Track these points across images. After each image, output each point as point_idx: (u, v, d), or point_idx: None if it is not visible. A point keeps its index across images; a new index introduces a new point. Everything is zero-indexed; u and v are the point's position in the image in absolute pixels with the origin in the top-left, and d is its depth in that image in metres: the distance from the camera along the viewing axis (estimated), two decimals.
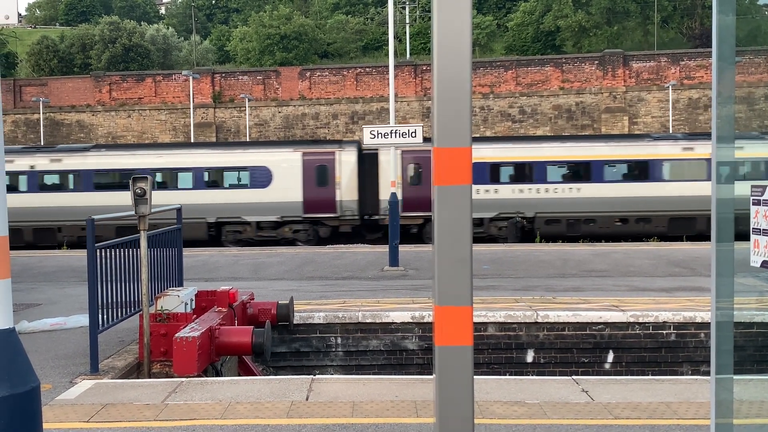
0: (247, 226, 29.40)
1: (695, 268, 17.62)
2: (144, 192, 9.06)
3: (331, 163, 29.40)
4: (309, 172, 29.33)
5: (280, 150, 30.63)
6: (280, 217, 29.24)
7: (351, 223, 29.68)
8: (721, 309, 4.10)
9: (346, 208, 29.36)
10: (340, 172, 29.33)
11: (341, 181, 29.31)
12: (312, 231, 29.52)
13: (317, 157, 29.56)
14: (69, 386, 8.07)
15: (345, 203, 29.32)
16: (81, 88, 51.22)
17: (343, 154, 29.57)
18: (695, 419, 6.77)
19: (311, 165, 29.38)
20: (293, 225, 29.43)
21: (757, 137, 4.77)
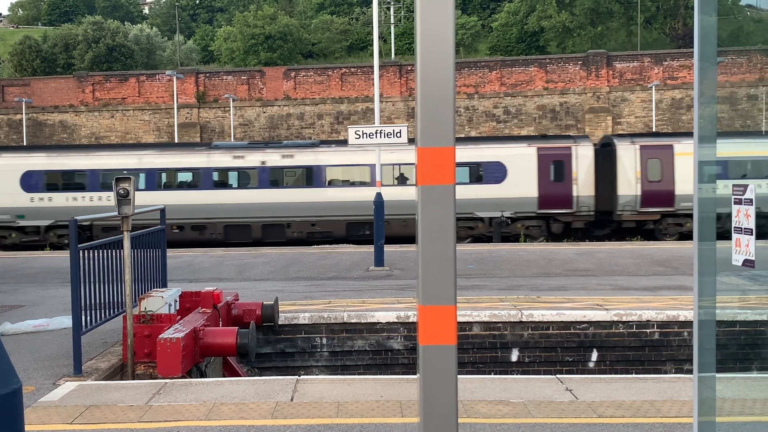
0: (479, 222, 29.07)
1: (678, 267, 17.72)
2: (127, 192, 9.02)
3: (567, 158, 29.03)
4: (544, 167, 28.95)
5: (514, 145, 30.26)
6: (513, 212, 28.86)
7: (585, 219, 29.29)
8: (704, 308, 4.13)
9: (582, 204, 28.98)
10: (576, 167, 28.94)
11: (578, 176, 28.91)
12: (545, 227, 29.19)
13: (552, 152, 29.17)
14: (52, 388, 8.01)
15: (581, 199, 28.94)
16: (64, 89, 50.91)
17: (579, 148, 29.22)
18: (678, 417, 6.81)
19: (546, 160, 29.00)
20: (526, 221, 29.06)
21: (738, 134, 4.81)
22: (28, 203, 29.61)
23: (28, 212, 29.52)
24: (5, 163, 30.04)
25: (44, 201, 29.36)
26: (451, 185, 2.77)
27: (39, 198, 29.54)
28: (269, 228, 29.08)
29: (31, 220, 29.50)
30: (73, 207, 28.46)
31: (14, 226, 29.72)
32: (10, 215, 29.59)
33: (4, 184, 29.66)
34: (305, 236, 28.68)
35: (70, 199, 29.32)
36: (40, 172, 29.75)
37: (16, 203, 29.55)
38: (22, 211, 29.53)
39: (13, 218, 29.60)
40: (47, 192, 29.56)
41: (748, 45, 4.95)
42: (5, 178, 29.70)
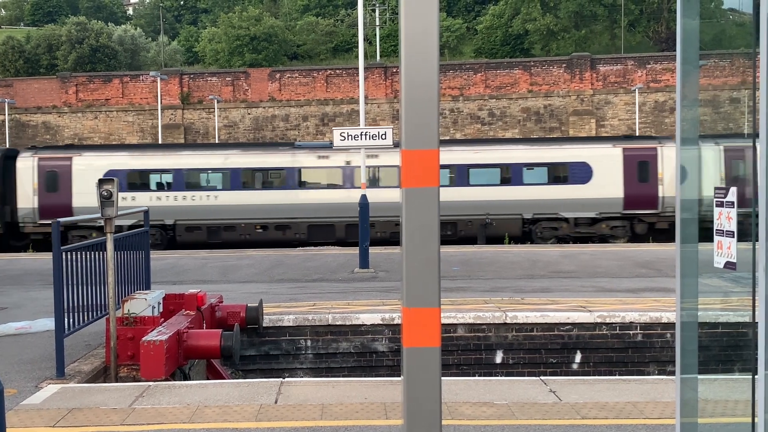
0: (564, 223, 28.97)
1: (661, 269, 17.82)
2: (110, 194, 8.98)
3: (653, 158, 29.05)
4: (630, 167, 28.94)
5: (599, 145, 30.24)
6: (598, 213, 28.82)
7: (669, 220, 29.12)
8: (686, 309, 4.15)
9: (667, 205, 28.91)
10: (662, 168, 28.98)
11: (663, 176, 28.97)
12: (629, 227, 29.17)
13: (638, 153, 29.20)
14: (34, 391, 7.96)
15: (667, 199, 28.90)
16: (47, 89, 50.60)
17: (665, 149, 29.21)
18: (661, 419, 6.84)
19: (632, 160, 29.00)
20: (610, 221, 29.02)
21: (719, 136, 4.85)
22: None
23: None
24: (88, 163, 29.66)
25: (127, 200, 28.77)
26: (435, 188, 2.78)
27: (122, 197, 29.19)
28: (353, 228, 28.98)
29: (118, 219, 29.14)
30: (157, 206, 28.25)
31: (96, 226, 29.34)
32: None
33: (87, 184, 29.09)
34: (389, 236, 28.63)
35: (153, 199, 28.98)
36: (123, 171, 29.33)
37: None
38: None
39: None
40: (130, 191, 29.14)
41: (731, 48, 4.99)
42: (88, 178, 29.02)
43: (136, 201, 28.71)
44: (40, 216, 29.22)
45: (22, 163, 29.88)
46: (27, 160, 29.92)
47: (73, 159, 29.83)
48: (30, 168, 29.71)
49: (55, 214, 29.10)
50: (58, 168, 29.63)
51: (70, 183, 29.44)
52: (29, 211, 29.52)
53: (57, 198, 29.11)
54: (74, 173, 29.48)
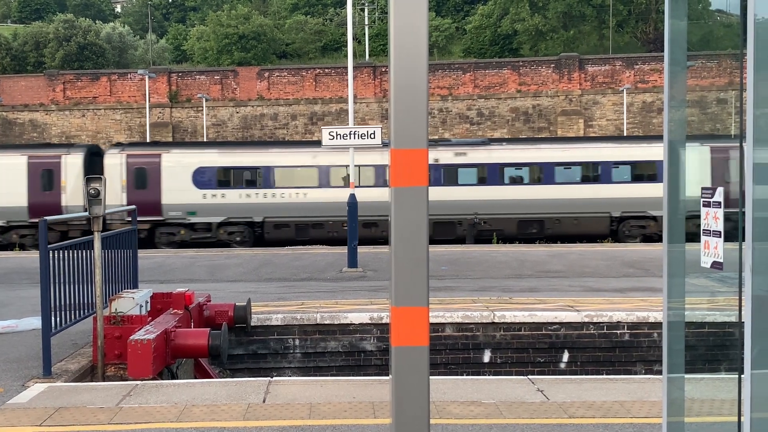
0: (651, 221, 28.88)
1: (649, 269, 17.89)
2: (98, 192, 8.94)
3: None
4: None
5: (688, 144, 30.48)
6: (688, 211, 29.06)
7: None
8: (673, 309, 4.17)
9: None
10: None
11: None
12: None
13: None
14: (21, 390, 7.92)
15: None
16: (34, 87, 50.31)
17: None
18: (648, 418, 6.88)
19: None
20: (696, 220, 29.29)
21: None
22: (200, 200, 29.03)
23: (200, 209, 28.98)
24: (177, 160, 29.54)
25: (217, 198, 28.85)
26: (424, 187, 2.78)
27: (212, 195, 28.96)
28: (441, 226, 28.97)
29: (203, 216, 28.99)
30: (246, 204, 28.32)
31: (185, 223, 29.20)
32: (182, 212, 29.05)
33: (176, 181, 29.16)
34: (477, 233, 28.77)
35: (243, 196, 28.86)
36: (212, 168, 29.20)
37: (188, 200, 29.00)
38: (194, 208, 28.98)
39: (185, 215, 29.05)
40: (220, 188, 29.09)
41: (718, 49, 5.01)
42: (177, 175, 29.20)
43: (225, 198, 28.86)
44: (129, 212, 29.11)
45: (110, 159, 29.71)
46: (115, 157, 29.74)
47: (162, 156, 29.70)
48: (118, 165, 29.48)
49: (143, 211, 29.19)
50: (147, 165, 29.46)
51: (159, 180, 29.31)
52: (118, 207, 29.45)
53: (146, 195, 28.95)
54: (163, 170, 29.36)
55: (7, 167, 29.69)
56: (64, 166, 29.72)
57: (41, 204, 29.20)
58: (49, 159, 30.15)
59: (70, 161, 29.77)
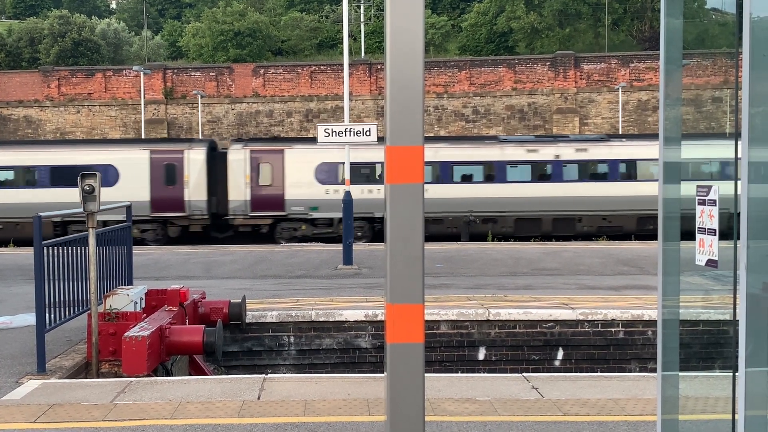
0: None
1: (643, 267, 17.93)
2: (93, 189, 8.92)
3: None
4: None
5: None
6: None
7: None
8: (668, 307, 4.18)
9: None
10: None
11: None
12: None
13: None
14: (15, 386, 7.90)
15: None
16: (29, 83, 50.17)
17: None
18: (642, 415, 6.89)
19: None
20: None
21: None
22: (322, 195, 29.08)
23: (322, 204, 29.00)
24: (300, 155, 29.55)
25: (339, 193, 28.86)
26: (420, 184, 2.78)
27: (334, 190, 28.85)
28: (560, 222, 28.90)
29: (325, 212, 28.99)
30: (367, 199, 28.28)
31: (306, 218, 29.21)
32: (304, 207, 29.12)
33: (299, 176, 29.20)
34: (595, 230, 28.69)
35: (365, 192, 28.77)
36: (335, 164, 29.08)
37: (311, 195, 29.08)
38: (316, 203, 29.03)
39: (307, 210, 29.10)
40: (342, 184, 29.15)
41: (714, 48, 5.01)
42: (300, 170, 29.22)
43: None
44: (252, 208, 29.19)
45: (234, 155, 29.74)
46: (239, 153, 29.76)
47: (284, 152, 29.76)
48: (242, 160, 29.52)
49: (267, 206, 28.91)
50: (271, 161, 29.50)
51: (282, 175, 29.36)
52: (241, 203, 29.41)
53: (269, 190, 29.16)
54: (287, 166, 29.40)
55: (129, 162, 29.62)
56: (187, 161, 29.66)
57: (164, 199, 29.40)
58: (172, 154, 30.15)
59: (193, 156, 29.74)
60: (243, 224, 29.65)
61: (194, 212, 29.51)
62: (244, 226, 29.65)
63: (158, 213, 29.44)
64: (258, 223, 29.29)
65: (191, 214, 29.40)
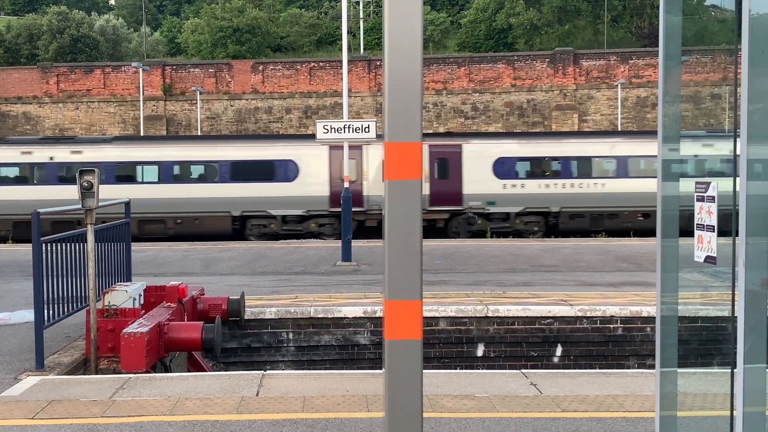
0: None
1: (642, 263, 17.93)
2: (91, 185, 8.91)
3: None
4: None
5: None
6: None
7: None
8: (666, 303, 4.18)
9: None
10: None
11: None
12: None
13: None
14: (13, 382, 7.90)
15: None
16: (28, 79, 50.12)
17: None
18: (641, 412, 6.89)
19: None
20: None
21: None
22: (500, 189, 29.00)
23: (499, 198, 28.95)
24: (478, 150, 29.48)
25: (516, 187, 28.83)
26: (418, 180, 2.78)
27: (511, 184, 28.93)
28: None
29: (502, 206, 28.96)
30: (544, 194, 28.44)
31: (482, 213, 29.13)
32: (481, 201, 29.01)
33: (477, 171, 29.12)
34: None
35: (542, 186, 28.87)
36: (512, 158, 29.18)
37: (488, 189, 28.95)
38: (494, 198, 28.93)
39: (484, 204, 29.01)
40: (519, 179, 29.11)
41: (712, 44, 5.02)
42: (477, 165, 29.14)
43: (524, 188, 28.99)
44: (431, 203, 29.13)
45: None
46: None
47: (462, 146, 29.69)
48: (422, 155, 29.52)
49: (445, 200, 28.91)
50: (449, 155, 29.47)
51: (460, 170, 29.32)
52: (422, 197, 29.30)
53: (447, 185, 29.09)
54: (464, 160, 29.36)
55: (309, 157, 29.60)
56: (366, 156, 29.62)
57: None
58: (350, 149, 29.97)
59: (372, 152, 29.61)
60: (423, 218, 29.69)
61: (372, 207, 29.45)
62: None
63: (336, 208, 29.54)
64: (435, 217, 29.29)
65: (369, 209, 29.33)
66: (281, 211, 28.90)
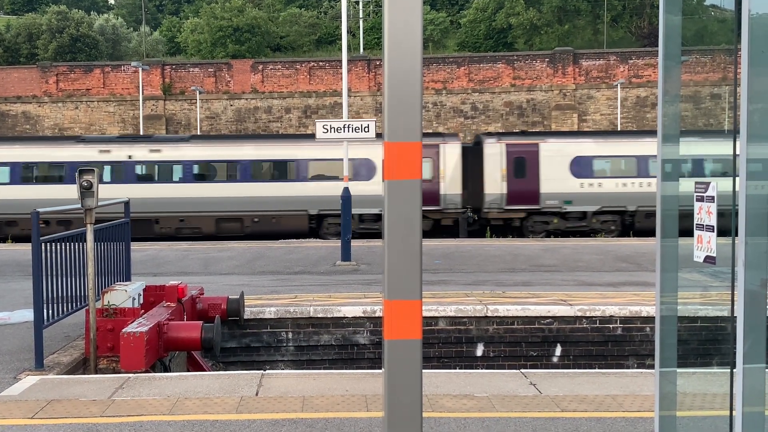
0: None
1: (641, 263, 17.93)
2: (90, 185, 8.91)
3: None
4: None
5: None
6: None
7: None
8: (666, 303, 4.18)
9: None
10: None
11: None
12: None
13: None
14: (13, 382, 7.90)
15: None
16: (27, 79, 50.11)
17: None
18: (640, 412, 6.89)
19: None
20: None
21: None
22: (577, 189, 29.07)
23: (576, 198, 29.02)
24: (555, 149, 29.54)
25: (593, 186, 28.90)
26: (417, 180, 2.78)
27: (588, 183, 28.99)
28: None
29: (579, 205, 29.05)
30: (621, 192, 28.53)
31: (559, 212, 29.20)
32: (558, 201, 29.08)
33: (554, 170, 29.14)
34: None
35: (619, 185, 28.92)
36: (589, 157, 29.26)
37: (566, 189, 28.99)
38: (571, 197, 28.97)
39: (561, 204, 29.08)
40: (597, 177, 29.16)
41: (712, 44, 5.02)
42: (554, 164, 29.19)
43: (601, 187, 29.01)
44: (508, 202, 29.24)
45: (490, 149, 29.73)
46: (494, 147, 29.74)
47: (539, 145, 29.74)
48: (498, 154, 29.51)
49: (521, 200, 28.98)
50: (526, 154, 29.50)
51: (537, 169, 29.35)
52: (497, 197, 29.39)
53: (524, 184, 29.14)
54: (542, 159, 29.40)
55: None
56: (443, 155, 29.61)
57: None
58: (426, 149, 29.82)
59: (449, 150, 29.66)
60: (496, 218, 29.72)
61: (448, 206, 29.46)
62: (496, 220, 29.73)
63: None
64: (511, 216, 29.39)
65: (445, 207, 29.35)
66: (358, 210, 28.94)
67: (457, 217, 29.84)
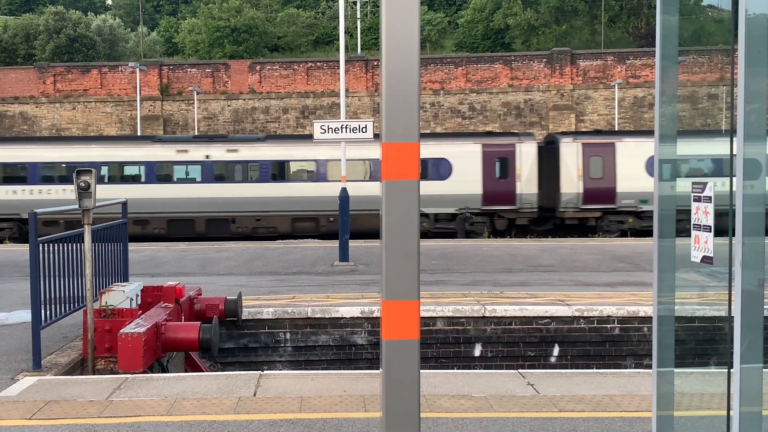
0: None
1: (639, 264, 17.95)
2: (88, 185, 8.91)
3: None
4: None
5: None
6: None
7: None
8: (663, 303, 4.18)
9: None
10: None
11: None
12: None
13: None
14: (10, 383, 7.89)
15: None
16: (24, 79, 50.05)
17: None
18: (638, 412, 6.90)
19: None
20: None
21: None
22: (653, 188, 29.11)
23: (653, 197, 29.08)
24: (631, 148, 29.48)
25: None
26: (415, 180, 2.78)
27: None
28: None
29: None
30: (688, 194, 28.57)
31: (634, 211, 29.21)
32: (634, 200, 29.09)
33: (630, 169, 29.09)
34: None
35: None
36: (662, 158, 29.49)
37: (641, 188, 28.80)
38: (646, 196, 28.77)
39: (637, 203, 29.09)
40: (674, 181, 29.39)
41: (709, 44, 5.01)
42: (631, 163, 29.15)
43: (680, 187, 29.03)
44: (584, 201, 29.25)
45: (566, 148, 29.76)
46: (570, 146, 29.79)
47: (615, 144, 29.77)
48: (574, 154, 29.57)
49: (598, 199, 29.04)
50: (602, 153, 29.56)
51: (613, 168, 29.38)
52: (573, 196, 29.43)
53: (600, 183, 29.20)
54: (618, 158, 29.44)
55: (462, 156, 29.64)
56: (519, 154, 29.64)
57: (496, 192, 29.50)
58: (504, 147, 30.10)
59: (525, 149, 29.68)
60: (572, 217, 29.77)
61: (524, 205, 29.49)
62: (571, 219, 29.77)
63: (489, 206, 29.45)
64: (586, 216, 29.41)
65: (521, 207, 29.40)
66: (433, 209, 28.92)
67: (532, 216, 29.93)
